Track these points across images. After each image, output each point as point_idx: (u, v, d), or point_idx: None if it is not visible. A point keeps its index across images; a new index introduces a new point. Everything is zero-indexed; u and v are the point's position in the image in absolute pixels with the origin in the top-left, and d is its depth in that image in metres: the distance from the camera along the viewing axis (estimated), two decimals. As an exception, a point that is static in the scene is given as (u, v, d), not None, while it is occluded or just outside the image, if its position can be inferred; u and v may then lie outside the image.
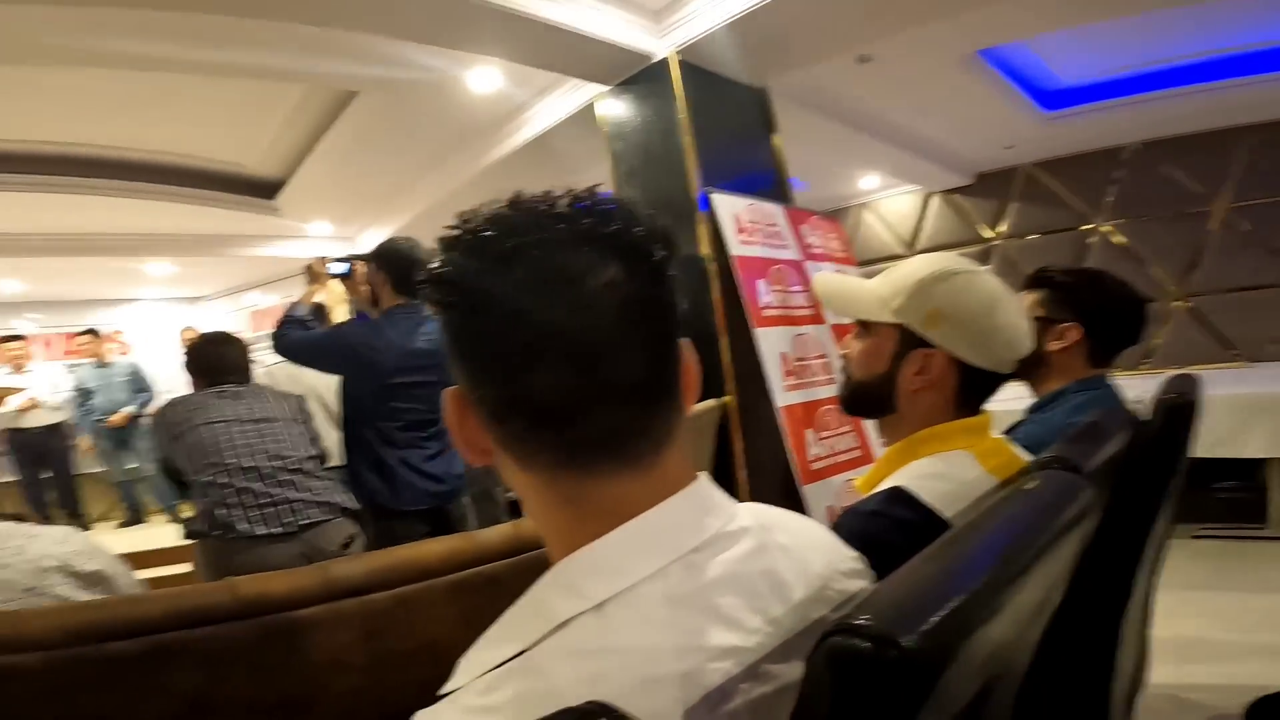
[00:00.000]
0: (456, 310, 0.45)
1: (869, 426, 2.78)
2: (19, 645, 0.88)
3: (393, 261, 2.20)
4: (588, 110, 3.20)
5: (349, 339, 2.14)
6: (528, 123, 3.61)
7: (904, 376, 0.87)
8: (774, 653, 0.42)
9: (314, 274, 2.30)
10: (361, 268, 2.25)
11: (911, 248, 5.96)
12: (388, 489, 2.12)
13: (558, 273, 0.43)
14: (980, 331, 0.85)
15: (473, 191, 4.35)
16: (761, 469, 2.67)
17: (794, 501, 2.43)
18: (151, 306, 6.22)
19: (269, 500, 1.86)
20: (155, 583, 1.48)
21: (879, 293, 0.90)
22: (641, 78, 2.91)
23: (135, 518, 5.20)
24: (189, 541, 2.00)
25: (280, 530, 1.84)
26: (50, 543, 1.27)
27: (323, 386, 2.41)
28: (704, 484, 0.48)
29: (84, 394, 4.98)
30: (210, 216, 4.32)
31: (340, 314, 2.33)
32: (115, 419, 4.90)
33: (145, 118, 3.37)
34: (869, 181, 5.71)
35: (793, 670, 0.42)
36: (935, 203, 5.86)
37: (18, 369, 4.86)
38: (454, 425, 0.48)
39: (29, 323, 5.67)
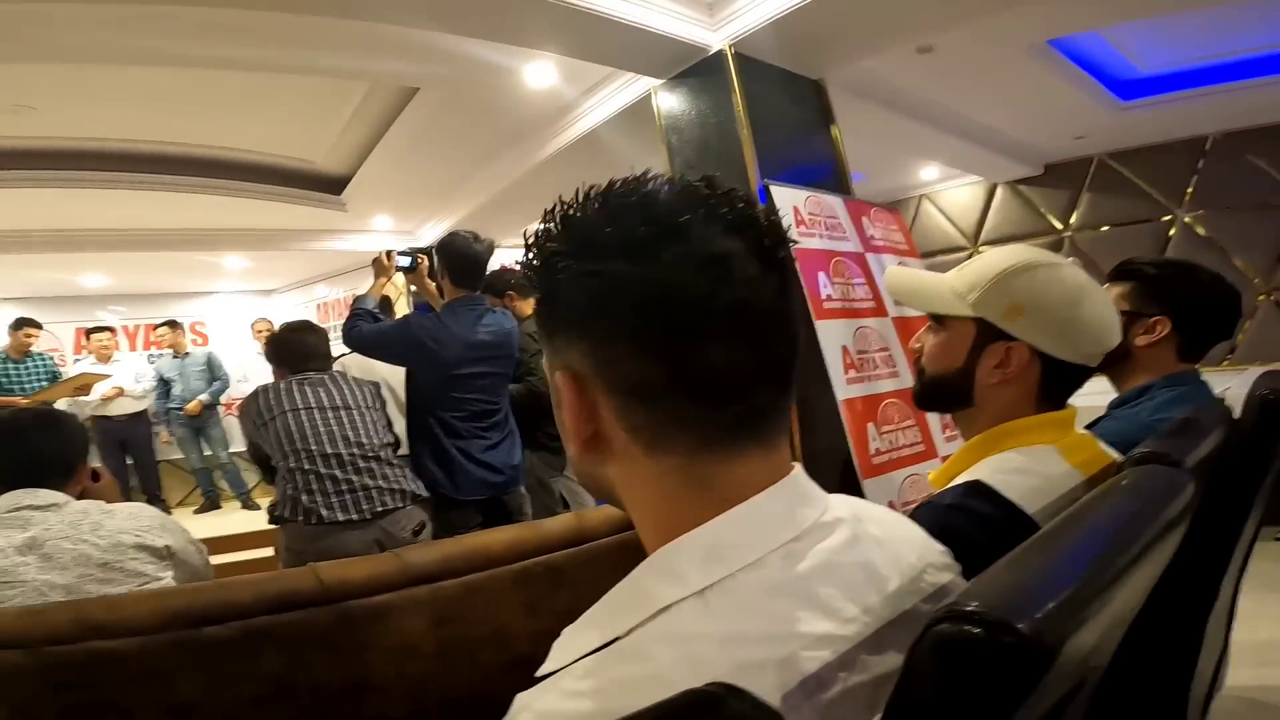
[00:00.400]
0: (609, 282, 0.43)
1: (933, 421, 2.72)
2: (118, 630, 0.93)
3: (452, 255, 2.25)
4: (640, 104, 3.21)
5: (414, 331, 2.19)
6: (581, 117, 3.63)
7: (983, 370, 0.85)
8: (868, 642, 0.42)
9: (381, 267, 2.36)
10: (426, 262, 2.31)
11: (975, 239, 5.81)
12: (447, 478, 2.18)
13: (725, 250, 0.43)
14: (1064, 324, 0.82)
15: (527, 187, 4.42)
16: (820, 463, 2.64)
17: (853, 496, 2.39)
18: (227, 299, 6.49)
19: (349, 486, 1.92)
20: (232, 567, 1.56)
21: (954, 286, 0.88)
22: (696, 70, 2.90)
23: (212, 504, 5.45)
24: (271, 526, 2.08)
25: (357, 516, 1.90)
26: (124, 518, 1.38)
27: (392, 376, 2.50)
28: (800, 473, 0.48)
29: (163, 383, 5.24)
30: (282, 212, 4.48)
31: (402, 306, 2.40)
32: (190, 407, 5.15)
33: (222, 116, 3.51)
34: (929, 172, 5.59)
35: (886, 661, 0.42)
36: (1000, 193, 5.69)
37: (105, 359, 5.16)
38: (570, 409, 0.46)
39: (112, 315, 5.99)
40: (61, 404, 4.27)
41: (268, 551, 4.18)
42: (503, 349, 2.32)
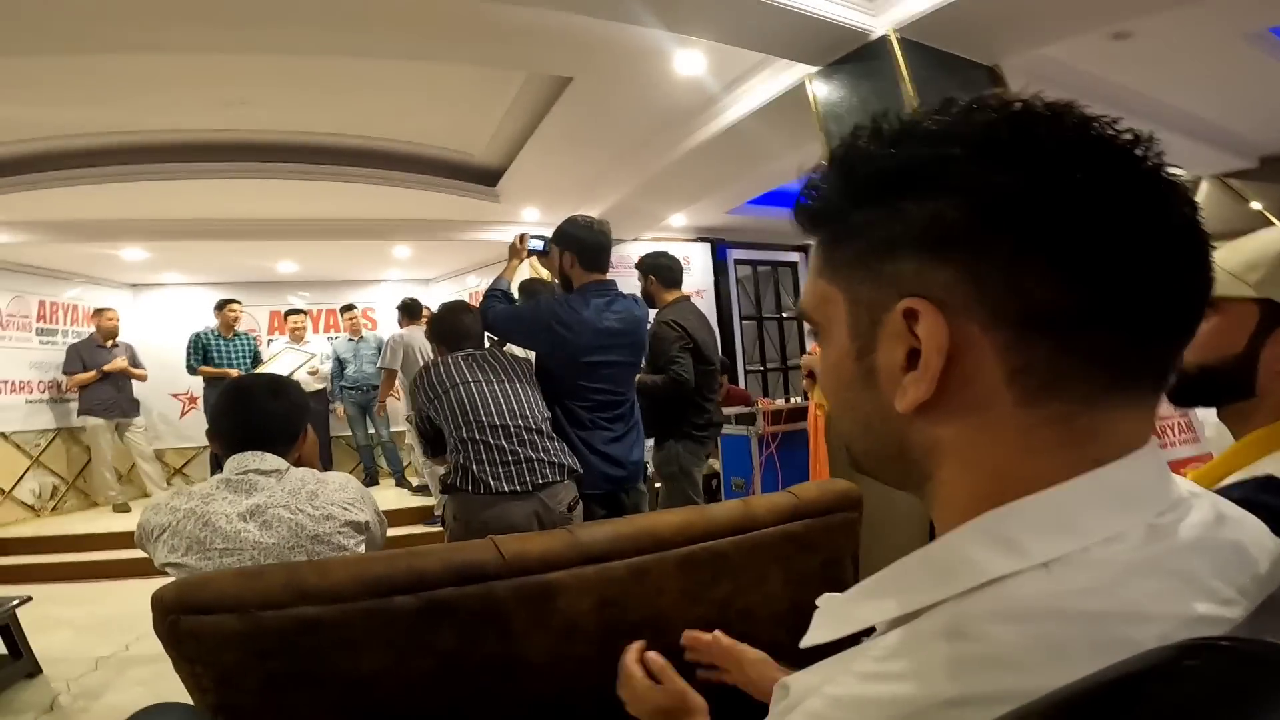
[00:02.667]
0: (1028, 190, 0.36)
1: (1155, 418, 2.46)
2: (323, 596, 0.98)
3: (577, 240, 2.24)
4: (792, 93, 3.13)
5: (544, 315, 2.18)
6: (729, 106, 3.59)
7: (1269, 356, 0.77)
8: (1244, 627, 0.37)
9: (514, 250, 2.40)
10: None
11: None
12: None
13: (1170, 168, 0.38)
14: None
15: (670, 178, 4.45)
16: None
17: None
18: (393, 287, 7.02)
19: (514, 458, 1.97)
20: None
21: (1226, 265, 0.79)
22: (857, 57, 2.79)
23: (371, 479, 5.86)
24: (419, 503, 2.20)
25: (520, 488, 1.95)
26: (335, 489, 1.45)
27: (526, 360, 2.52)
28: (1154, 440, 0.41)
29: (339, 364, 5.72)
30: (443, 203, 4.77)
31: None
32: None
33: (393, 109, 3.77)
34: (1120, 162, 5.06)
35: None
36: (1205, 187, 5.04)
37: (299, 339, 5.79)
38: (932, 344, 0.38)
39: (299, 299, 6.70)
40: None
41: (414, 529, 4.52)
42: (632, 336, 2.27)
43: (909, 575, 0.40)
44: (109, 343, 5.42)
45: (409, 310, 5.27)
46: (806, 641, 0.43)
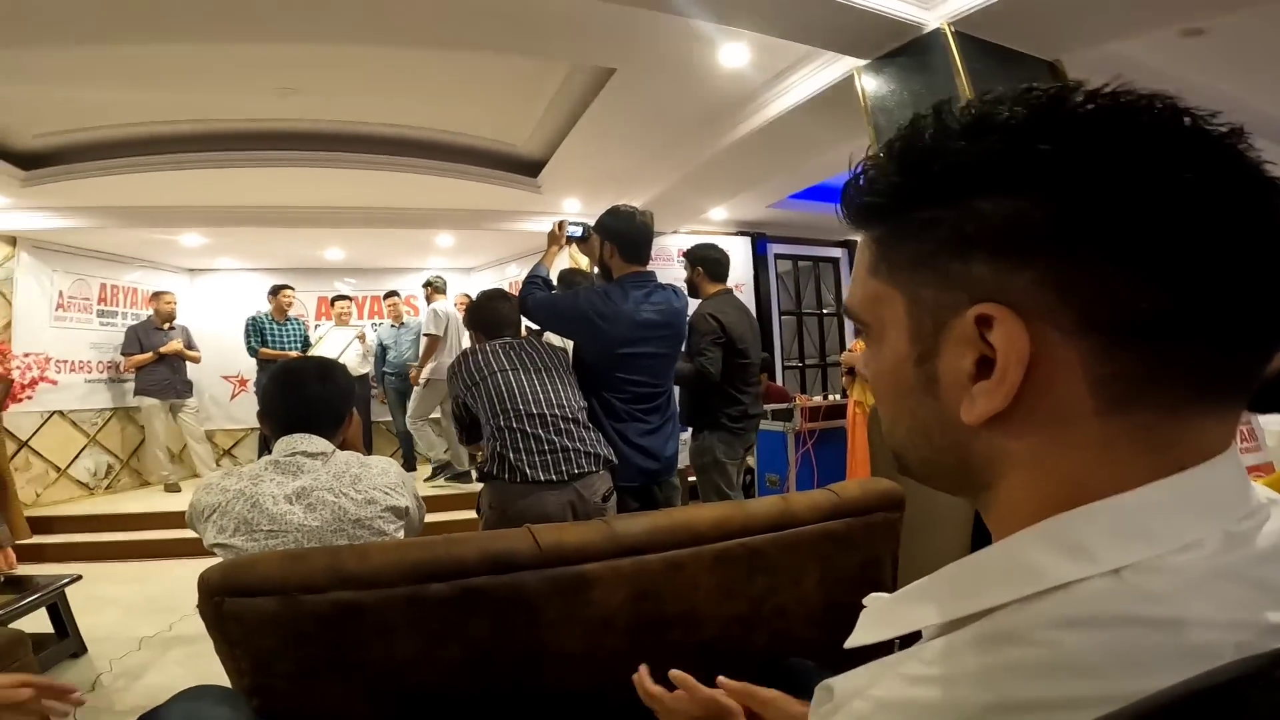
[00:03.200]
0: (1116, 187, 0.34)
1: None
2: (363, 581, 0.99)
3: (619, 230, 2.21)
4: (838, 87, 3.08)
5: (582, 305, 2.15)
6: (774, 99, 3.54)
7: None
8: None
9: (553, 237, 2.40)
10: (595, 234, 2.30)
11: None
12: None
13: (1256, 167, 0.36)
14: None
15: (713, 171, 4.42)
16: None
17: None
18: (435, 275, 7.15)
19: (550, 447, 1.96)
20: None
21: None
22: (908, 50, 2.73)
23: (409, 465, 5.91)
24: (454, 490, 2.22)
25: (555, 478, 1.94)
26: (378, 474, 1.45)
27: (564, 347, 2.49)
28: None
29: (381, 349, 5.86)
30: (486, 193, 4.82)
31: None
32: (413, 375, 5.43)
33: (438, 100, 3.81)
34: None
35: None
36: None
37: (344, 324, 5.93)
38: (1011, 354, 0.36)
39: (346, 285, 6.85)
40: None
41: (449, 515, 4.57)
42: (670, 328, 2.25)
43: (964, 579, 0.39)
44: (166, 325, 5.61)
45: (437, 286, 5.49)
46: (852, 642, 0.42)
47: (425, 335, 5.30)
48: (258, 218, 5.18)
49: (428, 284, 5.59)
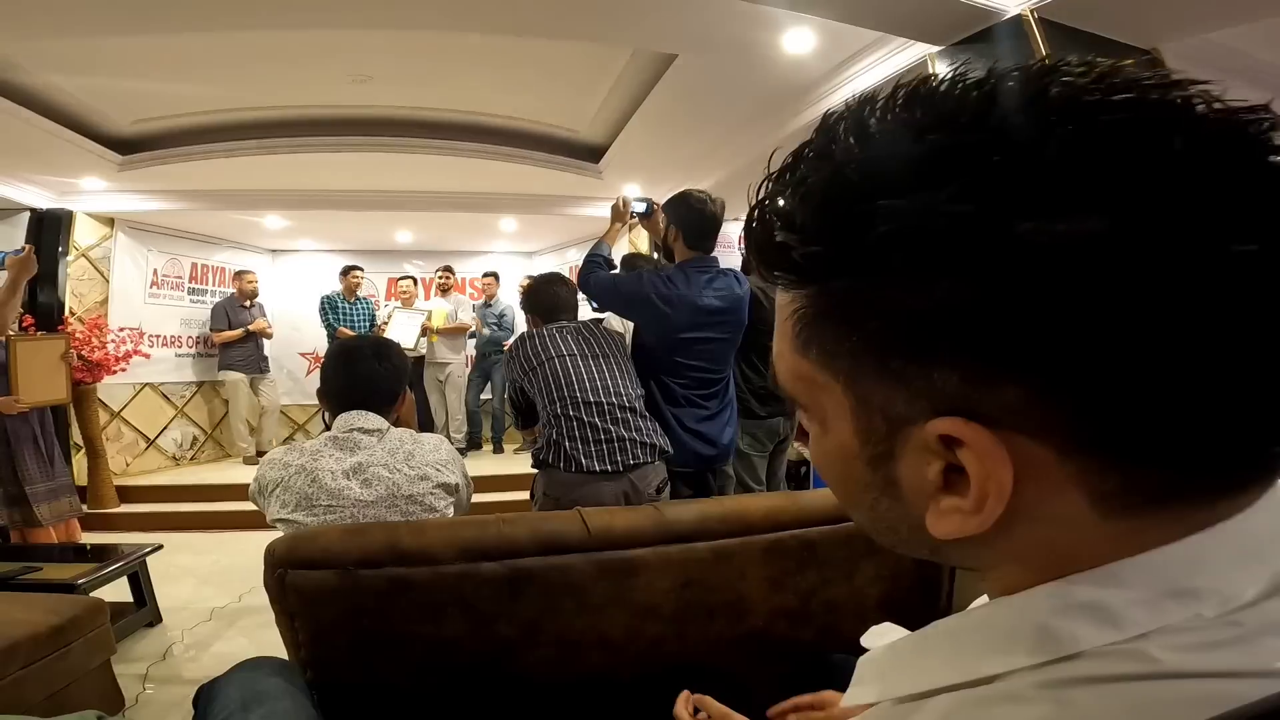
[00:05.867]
0: (1140, 270, 0.25)
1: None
2: (418, 557, 1.01)
3: (685, 215, 2.18)
4: (908, 73, 2.96)
5: (645, 287, 2.13)
6: (840, 86, 3.43)
7: None
8: None
9: (617, 213, 2.37)
10: (660, 213, 2.27)
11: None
12: None
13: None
14: None
15: (776, 157, 4.32)
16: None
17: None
18: (499, 258, 7.25)
19: (606, 436, 1.93)
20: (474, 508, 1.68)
21: None
22: (987, 36, 2.60)
23: (474, 443, 6.09)
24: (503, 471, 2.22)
25: (611, 468, 1.92)
26: (429, 450, 1.48)
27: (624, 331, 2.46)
28: None
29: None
30: (549, 178, 4.88)
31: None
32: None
33: (504, 86, 3.86)
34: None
35: None
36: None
37: (408, 304, 6.13)
38: (988, 483, 0.29)
39: (414, 268, 7.05)
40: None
41: (501, 495, 4.62)
42: (732, 315, 2.21)
43: (967, 639, 0.33)
44: (248, 303, 5.91)
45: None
46: (847, 701, 0.38)
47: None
48: (333, 200, 5.39)
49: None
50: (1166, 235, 0.25)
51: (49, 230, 4.97)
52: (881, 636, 0.42)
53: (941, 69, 2.78)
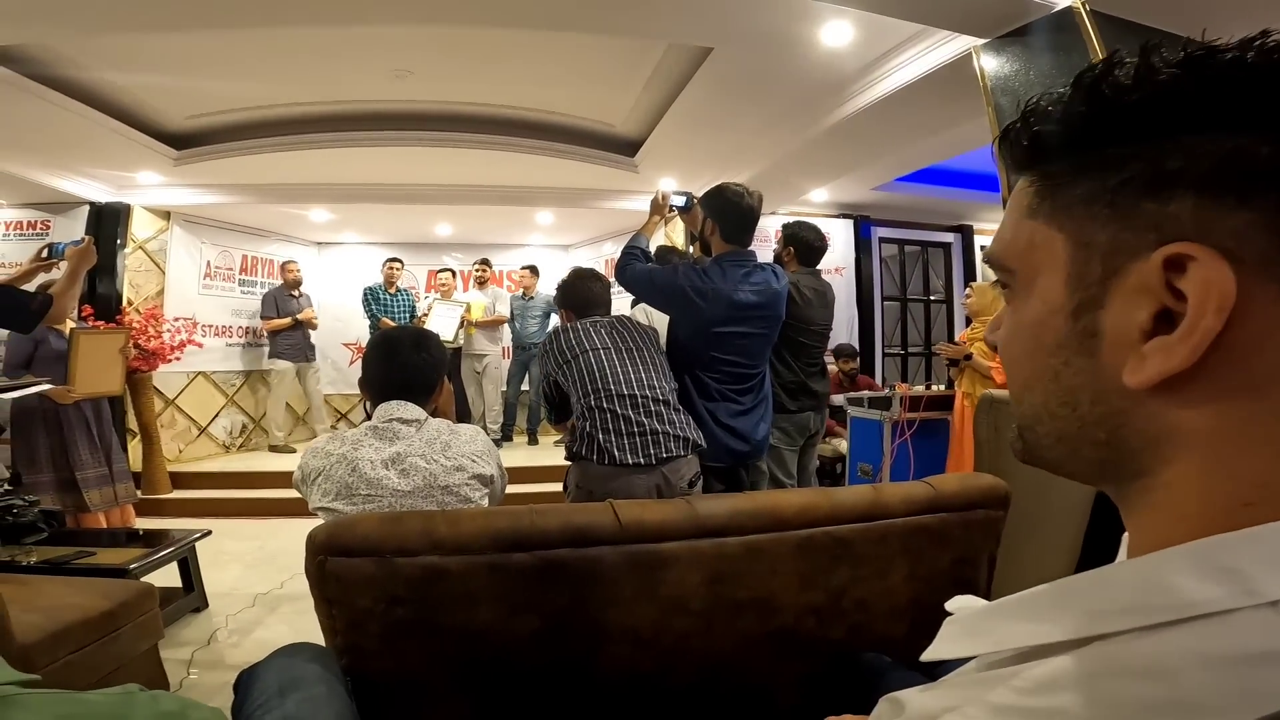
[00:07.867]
0: None
1: None
2: (452, 546, 1.01)
3: (723, 209, 2.17)
4: (951, 66, 2.90)
5: (680, 281, 2.13)
6: (879, 80, 3.37)
7: None
8: None
9: (656, 206, 2.38)
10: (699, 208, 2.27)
11: None
12: None
13: None
14: None
15: (813, 152, 4.28)
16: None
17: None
18: (536, 251, 7.32)
19: (639, 429, 1.93)
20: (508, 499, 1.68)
21: None
22: (1033, 29, 2.53)
23: (505, 435, 6.15)
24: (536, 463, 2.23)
25: (644, 461, 1.92)
26: (466, 441, 1.49)
27: (660, 325, 2.44)
28: None
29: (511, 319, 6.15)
30: (585, 171, 4.90)
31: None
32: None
33: (541, 81, 3.89)
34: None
35: None
36: None
37: (446, 296, 6.23)
38: (1209, 300, 0.30)
39: (453, 260, 7.15)
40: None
41: (533, 487, 4.65)
42: (768, 309, 2.20)
43: (1079, 597, 0.33)
44: (295, 291, 6.08)
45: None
46: (931, 654, 0.38)
47: None
48: (375, 194, 5.50)
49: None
50: None
51: (108, 223, 5.17)
52: (966, 604, 0.41)
53: (987, 64, 2.71)
